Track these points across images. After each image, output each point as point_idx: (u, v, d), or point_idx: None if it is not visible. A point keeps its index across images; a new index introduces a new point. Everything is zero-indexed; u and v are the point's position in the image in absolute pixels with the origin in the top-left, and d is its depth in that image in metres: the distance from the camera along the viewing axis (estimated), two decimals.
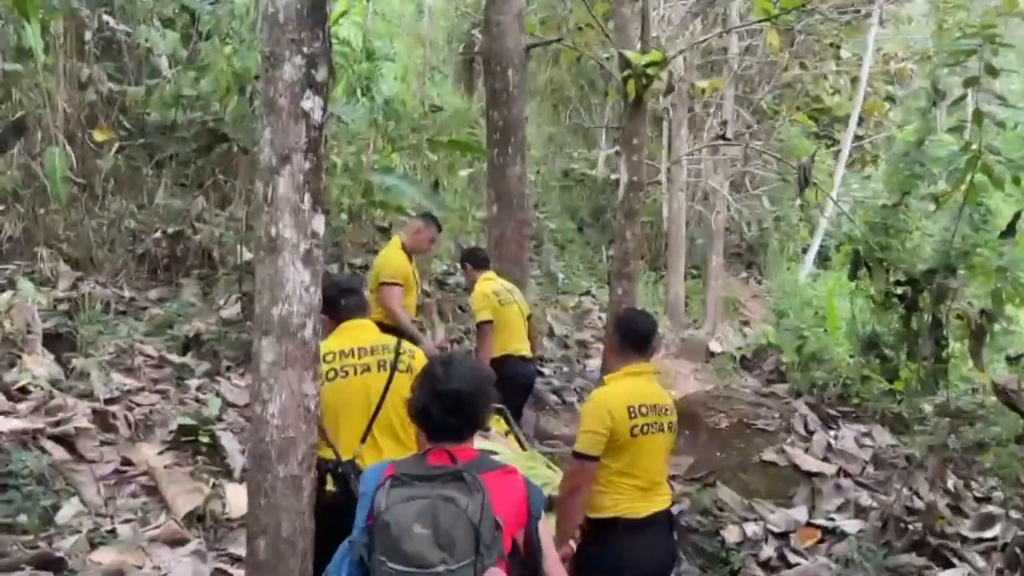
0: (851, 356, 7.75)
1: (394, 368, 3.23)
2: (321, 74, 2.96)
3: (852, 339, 7.44)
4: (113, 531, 4.18)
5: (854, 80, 16.14)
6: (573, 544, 3.16)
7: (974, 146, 4.85)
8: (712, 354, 12.35)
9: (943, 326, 5.58)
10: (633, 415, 3.11)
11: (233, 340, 6.66)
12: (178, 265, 7.72)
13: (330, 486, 3.07)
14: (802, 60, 16.18)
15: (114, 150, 7.49)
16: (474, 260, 6.19)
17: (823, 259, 15.93)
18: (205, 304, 7.29)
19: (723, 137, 13.81)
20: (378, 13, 11.19)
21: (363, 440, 3.15)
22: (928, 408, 6.55)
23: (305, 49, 2.90)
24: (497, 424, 5.04)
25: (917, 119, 7.68)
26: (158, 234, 7.65)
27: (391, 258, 5.93)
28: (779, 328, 11.61)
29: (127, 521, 4.32)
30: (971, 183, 4.96)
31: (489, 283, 5.90)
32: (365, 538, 2.10)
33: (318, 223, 3.01)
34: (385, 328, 4.55)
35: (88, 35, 7.71)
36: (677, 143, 14.49)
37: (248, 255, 7.03)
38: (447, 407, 2.25)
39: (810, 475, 5.51)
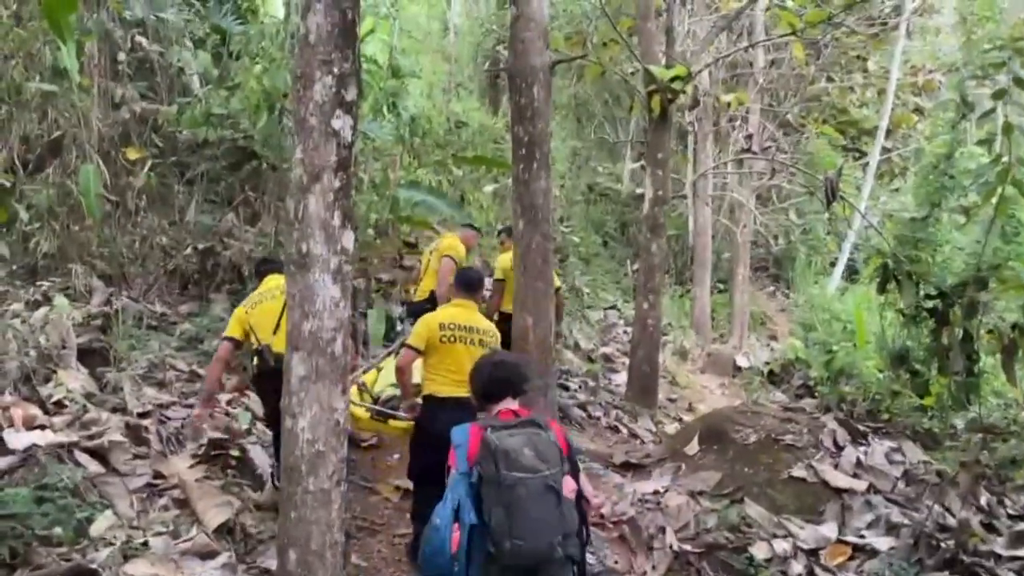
0: (880, 371, 7.66)
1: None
2: (351, 94, 3.01)
3: (881, 354, 7.34)
4: (145, 543, 4.23)
5: (881, 92, 16.04)
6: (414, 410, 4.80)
7: (1004, 158, 4.81)
8: (739, 369, 12.27)
9: (974, 340, 5.50)
10: (443, 328, 4.63)
11: None
12: (208, 280, 7.81)
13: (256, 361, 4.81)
14: (829, 73, 16.11)
15: (146, 168, 7.63)
16: (509, 232, 7.63)
17: (851, 273, 15.79)
18: None
19: (749, 150, 13.78)
20: (404, 31, 11.32)
21: (273, 334, 4.77)
22: (960, 424, 6.45)
23: (335, 70, 2.96)
24: None
25: (946, 131, 7.62)
26: (189, 250, 7.76)
27: (458, 246, 7.37)
28: (807, 342, 11.50)
29: (159, 534, 4.38)
30: (1001, 195, 4.91)
31: (510, 252, 7.19)
32: (476, 467, 2.99)
33: (348, 239, 3.06)
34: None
35: (121, 56, 7.89)
36: (702, 157, 14.47)
37: None
38: (501, 369, 3.36)
39: (840, 491, 5.43)
